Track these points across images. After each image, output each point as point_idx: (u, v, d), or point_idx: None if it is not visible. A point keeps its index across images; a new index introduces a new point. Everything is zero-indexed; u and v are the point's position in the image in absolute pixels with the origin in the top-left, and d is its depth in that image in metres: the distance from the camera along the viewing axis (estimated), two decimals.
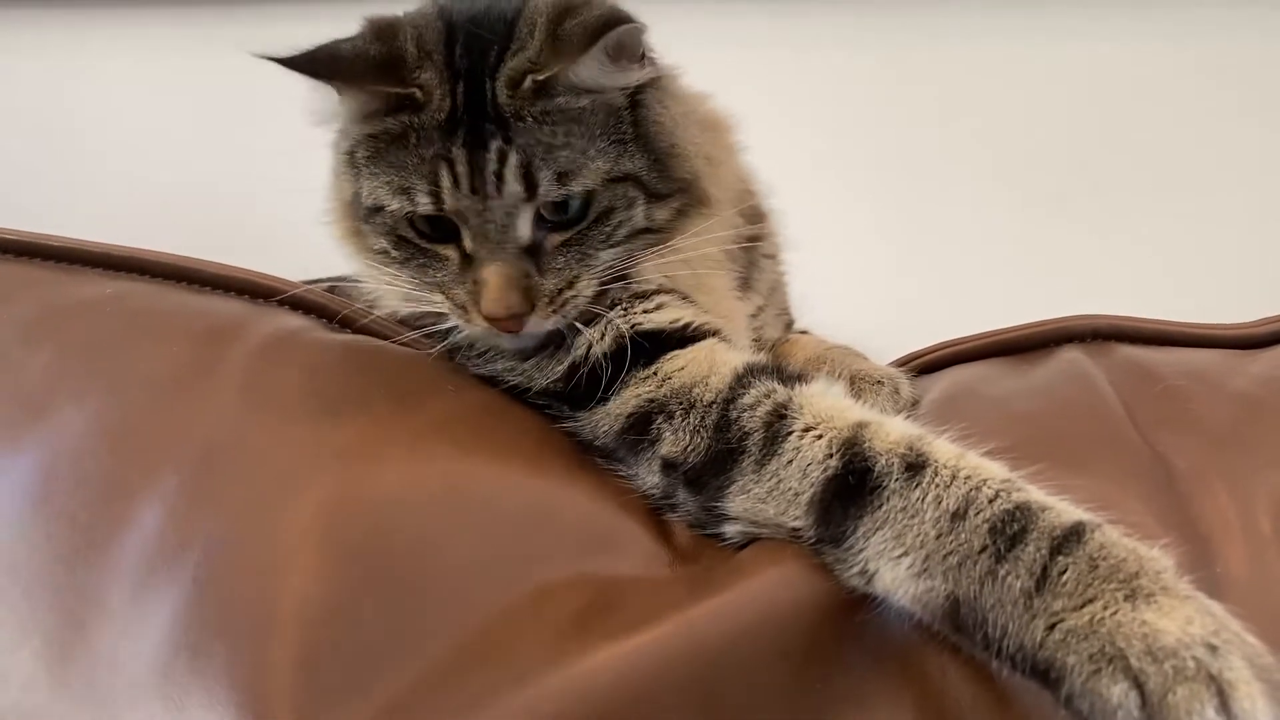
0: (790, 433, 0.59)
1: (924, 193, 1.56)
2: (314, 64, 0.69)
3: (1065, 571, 0.48)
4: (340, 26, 0.73)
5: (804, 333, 0.95)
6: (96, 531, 0.57)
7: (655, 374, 0.67)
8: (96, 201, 1.60)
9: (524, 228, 0.69)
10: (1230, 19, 1.48)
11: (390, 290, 0.76)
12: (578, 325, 0.70)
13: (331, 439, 0.61)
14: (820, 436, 0.58)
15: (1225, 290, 1.37)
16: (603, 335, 0.70)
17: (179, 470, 0.59)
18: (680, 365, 0.67)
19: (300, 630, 0.51)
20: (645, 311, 0.71)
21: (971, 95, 1.55)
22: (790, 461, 0.58)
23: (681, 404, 0.64)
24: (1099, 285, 1.44)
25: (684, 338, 0.70)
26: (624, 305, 0.71)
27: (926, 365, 0.84)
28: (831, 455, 0.57)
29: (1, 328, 0.69)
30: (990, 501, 0.52)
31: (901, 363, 0.85)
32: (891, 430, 0.58)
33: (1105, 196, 1.54)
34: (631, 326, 0.70)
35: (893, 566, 0.52)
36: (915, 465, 0.55)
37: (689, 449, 0.62)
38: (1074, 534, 0.50)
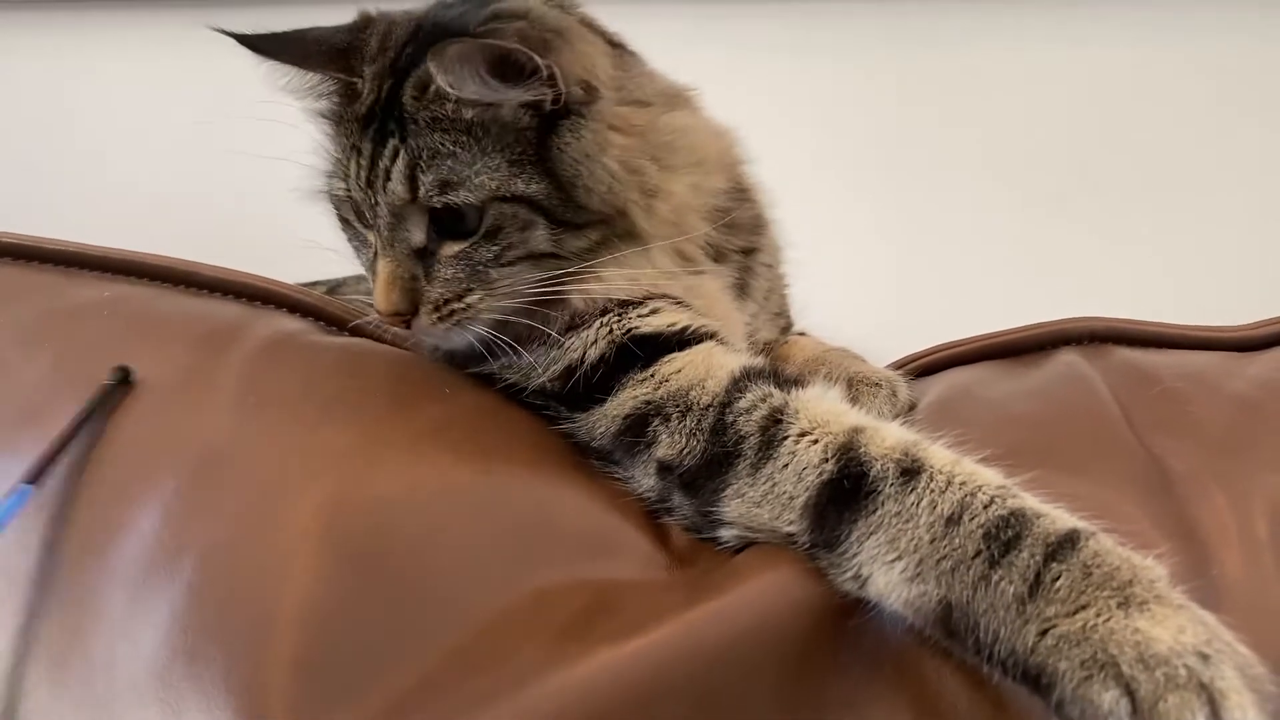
0: (786, 437, 0.59)
1: (924, 193, 1.56)
2: (271, 44, 0.71)
3: (1059, 578, 0.48)
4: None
5: (802, 334, 0.95)
6: (94, 535, 0.57)
7: (652, 376, 0.67)
8: (95, 202, 1.59)
9: (416, 230, 0.70)
10: (1230, 19, 1.48)
11: None
12: (505, 339, 0.70)
13: (330, 442, 0.61)
14: (816, 441, 0.58)
15: (1224, 291, 1.37)
16: (595, 339, 0.69)
17: (177, 474, 0.59)
18: (677, 368, 0.67)
19: (298, 632, 0.51)
20: (640, 316, 0.71)
21: (971, 96, 1.55)
22: (785, 466, 0.58)
23: (678, 407, 0.64)
24: (1099, 286, 1.44)
25: (682, 340, 0.69)
26: (617, 310, 0.71)
27: (924, 367, 0.84)
28: (827, 460, 0.57)
29: (0, 331, 0.69)
30: (985, 507, 0.52)
31: (899, 365, 0.85)
32: (887, 435, 0.58)
33: (1105, 196, 1.54)
34: (626, 331, 0.69)
35: (886, 571, 0.52)
36: (910, 470, 0.55)
37: (685, 452, 0.62)
38: (1068, 541, 0.50)
